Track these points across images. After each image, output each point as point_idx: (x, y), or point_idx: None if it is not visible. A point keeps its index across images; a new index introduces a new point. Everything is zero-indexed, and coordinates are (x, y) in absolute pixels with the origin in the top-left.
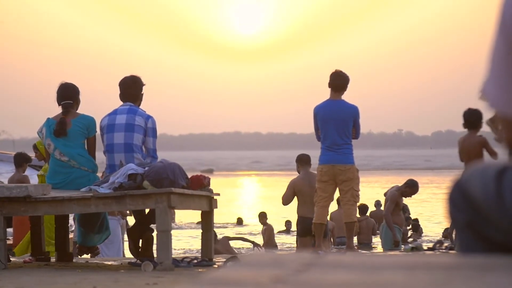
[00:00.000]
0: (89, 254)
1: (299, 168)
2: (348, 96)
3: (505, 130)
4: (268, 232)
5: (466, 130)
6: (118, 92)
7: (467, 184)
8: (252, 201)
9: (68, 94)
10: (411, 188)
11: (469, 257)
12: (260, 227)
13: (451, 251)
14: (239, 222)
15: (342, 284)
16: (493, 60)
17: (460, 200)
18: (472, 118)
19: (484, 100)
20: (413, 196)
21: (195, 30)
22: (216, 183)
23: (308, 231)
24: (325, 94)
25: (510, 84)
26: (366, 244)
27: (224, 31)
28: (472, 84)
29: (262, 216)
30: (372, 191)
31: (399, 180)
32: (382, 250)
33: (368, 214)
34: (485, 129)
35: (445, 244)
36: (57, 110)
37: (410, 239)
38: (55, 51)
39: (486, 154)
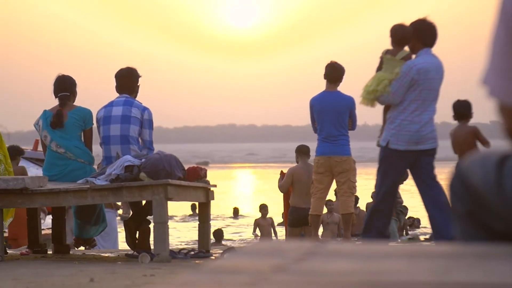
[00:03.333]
0: (86, 246)
1: (298, 159)
2: (344, 88)
3: (505, 119)
4: (266, 225)
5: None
6: (114, 84)
7: (467, 173)
8: (247, 193)
9: (65, 86)
10: None
11: (470, 245)
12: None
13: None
14: (235, 213)
15: (343, 273)
16: (493, 49)
17: (460, 189)
18: (462, 109)
19: (485, 89)
20: (408, 184)
21: (190, 24)
22: (211, 176)
23: (300, 222)
24: (321, 86)
25: (510, 73)
26: (358, 235)
27: (219, 25)
28: (468, 77)
29: (263, 208)
30: (367, 183)
31: None
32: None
33: (365, 205)
34: (475, 120)
35: None
36: (53, 103)
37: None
38: (50, 45)
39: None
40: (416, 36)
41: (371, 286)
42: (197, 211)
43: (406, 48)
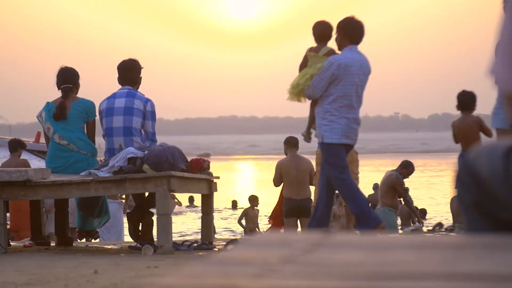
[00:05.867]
0: (89, 238)
1: (287, 150)
2: None
3: (511, 109)
4: (253, 216)
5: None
6: (116, 76)
7: (474, 163)
8: (248, 185)
9: (67, 78)
10: (406, 168)
11: (477, 236)
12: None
13: (450, 233)
14: (234, 205)
15: (351, 264)
16: (501, 40)
17: (467, 179)
18: (466, 100)
19: (492, 79)
20: (410, 176)
21: (191, 15)
22: (212, 168)
23: (293, 212)
24: None
25: None
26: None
27: (220, 16)
28: (469, 68)
29: (253, 199)
30: (368, 175)
31: (396, 164)
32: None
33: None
34: (481, 111)
35: (445, 226)
36: (55, 95)
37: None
38: (52, 37)
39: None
40: (343, 33)
41: (379, 276)
42: (194, 203)
43: (335, 44)
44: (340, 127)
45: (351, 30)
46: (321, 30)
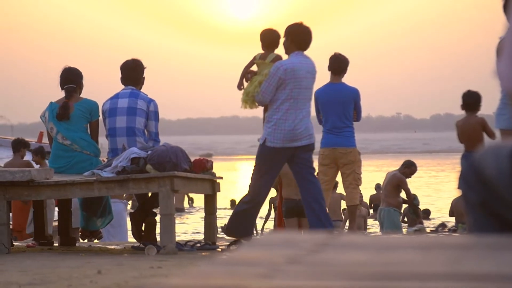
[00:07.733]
0: (92, 238)
1: None
2: (346, 80)
3: None
4: None
5: (464, 113)
6: (119, 76)
7: (480, 164)
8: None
9: (71, 78)
10: (409, 168)
11: (482, 236)
12: None
13: (453, 234)
14: (232, 205)
15: (357, 264)
16: (507, 41)
17: (473, 179)
18: (471, 100)
19: (497, 79)
20: (412, 176)
21: (192, 15)
22: (214, 168)
23: (293, 212)
24: (324, 77)
25: None
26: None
27: (221, 15)
28: (471, 68)
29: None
30: (370, 175)
31: (398, 164)
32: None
33: (368, 197)
34: (483, 111)
35: (448, 227)
36: (58, 95)
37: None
38: (55, 36)
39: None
40: (291, 39)
41: (385, 276)
42: (194, 204)
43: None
44: (284, 132)
45: (299, 37)
46: (269, 38)
